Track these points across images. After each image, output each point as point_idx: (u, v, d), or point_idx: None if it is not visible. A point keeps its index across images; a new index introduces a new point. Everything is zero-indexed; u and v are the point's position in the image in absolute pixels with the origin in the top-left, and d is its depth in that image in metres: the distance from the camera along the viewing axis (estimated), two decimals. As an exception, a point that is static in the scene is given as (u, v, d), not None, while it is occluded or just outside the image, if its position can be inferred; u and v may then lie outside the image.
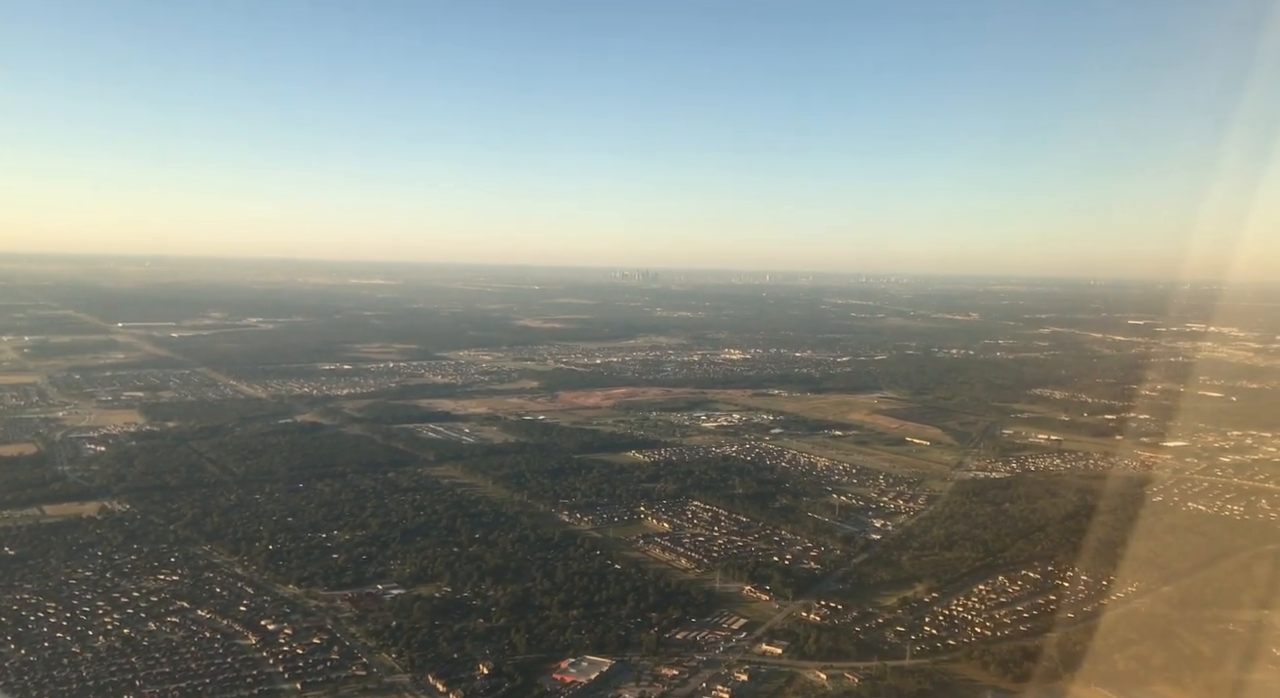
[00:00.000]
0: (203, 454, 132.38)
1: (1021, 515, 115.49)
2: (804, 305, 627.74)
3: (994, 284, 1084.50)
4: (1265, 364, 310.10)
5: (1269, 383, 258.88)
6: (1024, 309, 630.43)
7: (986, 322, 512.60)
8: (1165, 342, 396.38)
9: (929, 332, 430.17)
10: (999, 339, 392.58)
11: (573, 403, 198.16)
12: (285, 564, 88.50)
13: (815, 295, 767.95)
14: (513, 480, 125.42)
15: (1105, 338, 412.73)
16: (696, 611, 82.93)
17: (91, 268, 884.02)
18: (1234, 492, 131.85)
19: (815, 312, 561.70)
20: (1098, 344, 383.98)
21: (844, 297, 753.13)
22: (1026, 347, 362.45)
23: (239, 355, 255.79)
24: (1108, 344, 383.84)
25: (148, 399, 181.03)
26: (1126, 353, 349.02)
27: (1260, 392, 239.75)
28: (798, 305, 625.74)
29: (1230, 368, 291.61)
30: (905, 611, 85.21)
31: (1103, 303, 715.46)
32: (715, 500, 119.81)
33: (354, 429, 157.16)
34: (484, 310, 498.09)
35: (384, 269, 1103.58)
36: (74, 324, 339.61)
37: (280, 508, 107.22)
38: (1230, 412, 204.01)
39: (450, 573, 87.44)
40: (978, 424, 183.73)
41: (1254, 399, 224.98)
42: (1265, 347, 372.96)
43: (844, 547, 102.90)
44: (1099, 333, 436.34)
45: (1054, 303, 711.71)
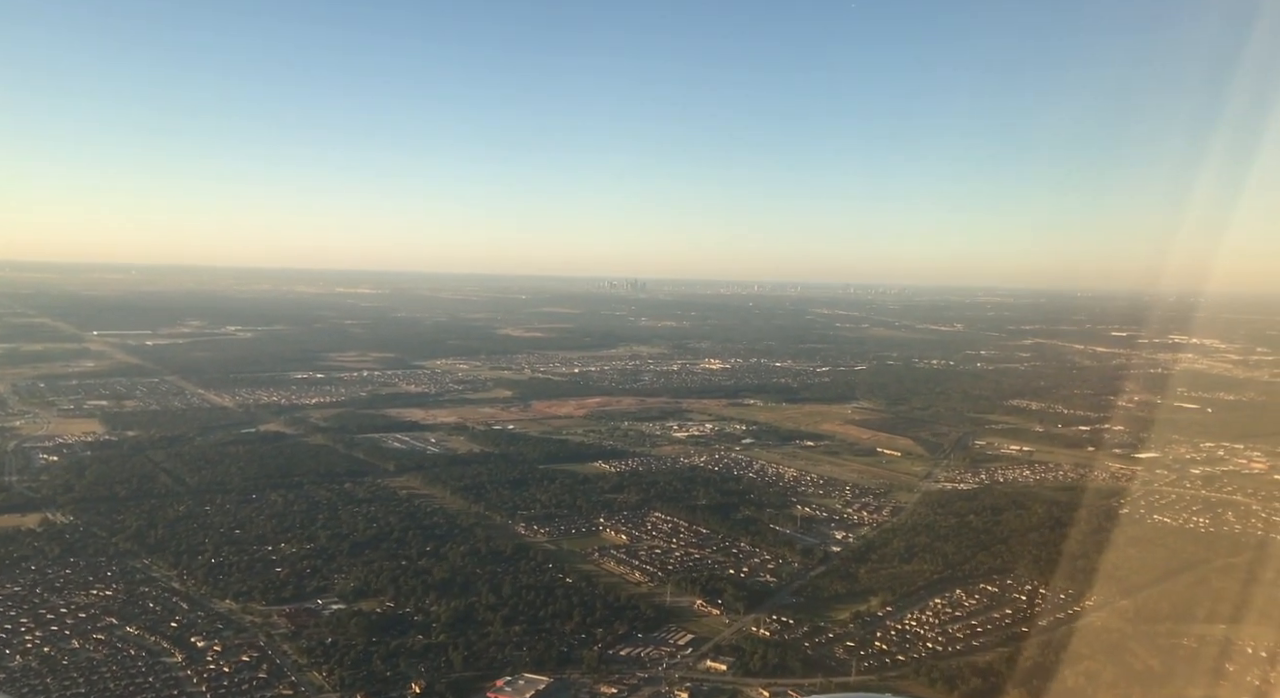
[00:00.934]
0: (158, 464, 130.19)
1: (984, 528, 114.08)
2: (789, 315, 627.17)
3: (982, 295, 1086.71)
4: (1244, 376, 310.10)
5: (1245, 395, 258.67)
6: (1009, 320, 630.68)
7: (970, 332, 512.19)
8: (1146, 353, 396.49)
9: (911, 342, 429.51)
10: (981, 350, 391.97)
11: (545, 412, 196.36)
12: (225, 578, 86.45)
13: (802, 305, 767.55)
14: (472, 492, 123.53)
15: (1087, 349, 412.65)
16: (644, 626, 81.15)
17: (77, 276, 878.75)
18: (1201, 504, 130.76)
19: (800, 322, 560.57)
20: (1079, 355, 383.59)
21: (831, 307, 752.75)
22: (1007, 358, 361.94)
23: (211, 364, 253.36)
24: (1089, 355, 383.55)
25: (110, 408, 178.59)
26: (1107, 364, 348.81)
27: (1236, 403, 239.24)
28: (783, 315, 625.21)
29: (1208, 380, 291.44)
30: (857, 625, 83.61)
31: (1088, 314, 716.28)
32: (677, 512, 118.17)
33: (316, 439, 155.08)
34: (467, 319, 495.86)
35: (372, 278, 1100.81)
36: (48, 332, 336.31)
37: (229, 520, 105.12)
38: (1205, 423, 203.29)
39: (394, 587, 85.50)
40: (950, 435, 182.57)
41: (1229, 411, 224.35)
42: (1245, 358, 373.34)
43: (802, 559, 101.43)
44: (1081, 344, 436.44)
45: (1039, 314, 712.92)
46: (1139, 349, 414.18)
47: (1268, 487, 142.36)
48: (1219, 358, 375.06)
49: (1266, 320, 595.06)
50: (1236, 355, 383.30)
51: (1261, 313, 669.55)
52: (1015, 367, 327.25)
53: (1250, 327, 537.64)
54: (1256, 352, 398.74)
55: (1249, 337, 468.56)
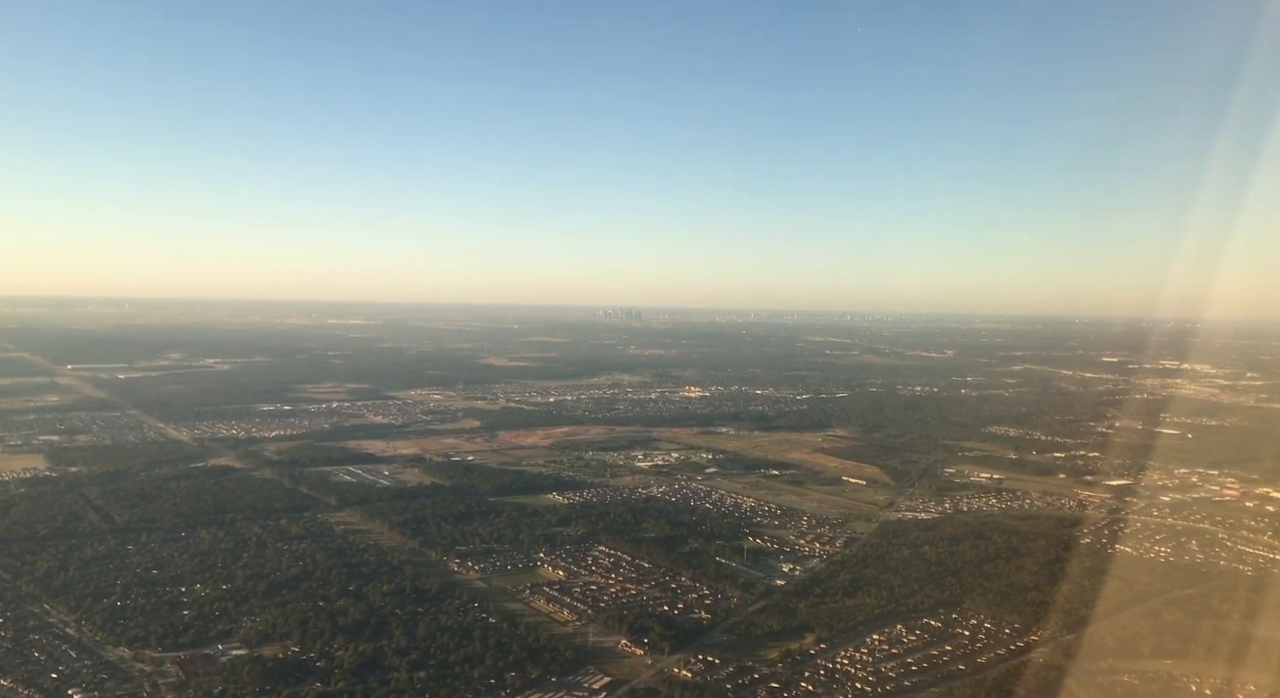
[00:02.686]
0: (90, 501, 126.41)
1: (938, 559, 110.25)
2: (780, 343, 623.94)
3: (978, 322, 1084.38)
4: (1229, 401, 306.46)
5: (1227, 420, 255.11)
6: (1001, 346, 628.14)
7: (960, 359, 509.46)
8: (1134, 378, 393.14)
9: (898, 368, 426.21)
10: (967, 376, 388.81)
11: (511, 443, 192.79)
12: (126, 623, 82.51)
13: (795, 333, 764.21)
14: (411, 527, 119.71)
15: (1075, 375, 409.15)
16: (560, 669, 77.19)
17: (71, 311, 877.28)
18: (1165, 532, 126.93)
19: (789, 349, 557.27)
20: (1066, 381, 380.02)
21: (824, 334, 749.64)
22: (993, 383, 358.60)
23: (179, 397, 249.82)
24: (1075, 381, 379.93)
25: (61, 443, 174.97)
26: (1092, 390, 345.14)
27: (1217, 429, 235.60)
28: (773, 343, 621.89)
29: (1193, 405, 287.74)
30: (785, 664, 79.68)
31: (1081, 340, 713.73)
32: (622, 545, 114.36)
33: (264, 473, 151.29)
34: (453, 349, 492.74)
35: (366, 309, 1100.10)
36: (22, 366, 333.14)
37: (149, 559, 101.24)
38: (1182, 449, 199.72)
39: (302, 631, 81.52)
40: (921, 463, 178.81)
41: (1209, 436, 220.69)
42: (1233, 383, 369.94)
43: (742, 594, 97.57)
44: (1070, 370, 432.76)
45: (1033, 340, 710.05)
46: (1128, 375, 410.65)
47: (1236, 514, 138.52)
48: (1207, 383, 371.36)
49: (1262, 346, 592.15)
50: (1225, 381, 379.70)
51: (1258, 338, 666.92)
52: (999, 393, 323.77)
53: (1244, 352, 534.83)
54: (1246, 377, 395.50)
55: (1241, 362, 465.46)
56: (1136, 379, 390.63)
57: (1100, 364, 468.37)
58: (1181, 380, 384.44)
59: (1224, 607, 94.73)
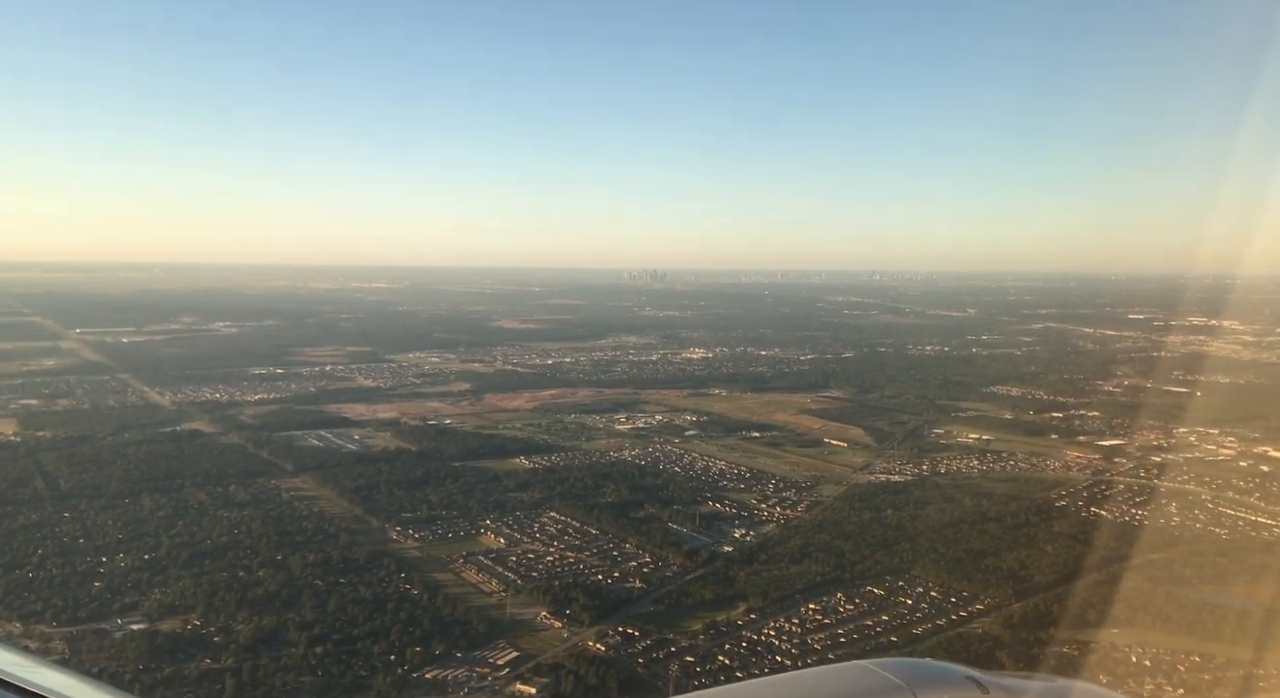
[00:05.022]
0: (43, 467, 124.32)
1: (898, 523, 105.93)
2: (800, 303, 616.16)
3: (1010, 280, 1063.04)
4: (1250, 358, 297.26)
5: (1243, 377, 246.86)
6: (1027, 305, 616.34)
7: (981, 318, 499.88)
8: (1156, 336, 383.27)
9: (914, 328, 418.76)
10: (983, 335, 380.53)
11: (494, 406, 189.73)
12: (29, 596, 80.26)
13: (818, 293, 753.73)
14: (362, 493, 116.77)
15: (1096, 333, 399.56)
16: (469, 643, 74.21)
17: (95, 276, 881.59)
18: (1147, 494, 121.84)
19: (807, 309, 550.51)
20: (1084, 339, 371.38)
21: (847, 294, 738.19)
22: (1008, 342, 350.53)
23: (174, 362, 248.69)
24: (1094, 339, 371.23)
25: (38, 407, 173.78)
26: (1109, 348, 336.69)
27: (1230, 387, 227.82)
28: (793, 303, 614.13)
29: (1211, 362, 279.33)
30: (708, 637, 76.26)
31: (1111, 297, 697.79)
32: (574, 511, 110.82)
33: (232, 438, 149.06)
34: (466, 312, 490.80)
35: (391, 273, 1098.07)
36: (30, 330, 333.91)
37: (79, 528, 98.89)
38: (1188, 408, 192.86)
39: (207, 604, 78.86)
40: (909, 424, 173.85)
41: (1220, 394, 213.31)
42: (1259, 340, 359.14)
43: (684, 561, 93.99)
44: (1091, 328, 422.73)
45: (1062, 298, 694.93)
46: (1150, 332, 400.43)
47: (1226, 475, 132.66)
48: (1231, 339, 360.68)
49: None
50: (1251, 337, 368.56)
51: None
52: (1011, 352, 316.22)
53: (1277, 308, 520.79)
54: (1274, 333, 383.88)
55: (1272, 318, 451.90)
56: (1158, 337, 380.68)
57: (1125, 322, 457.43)
58: (1205, 337, 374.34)
59: (1186, 573, 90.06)
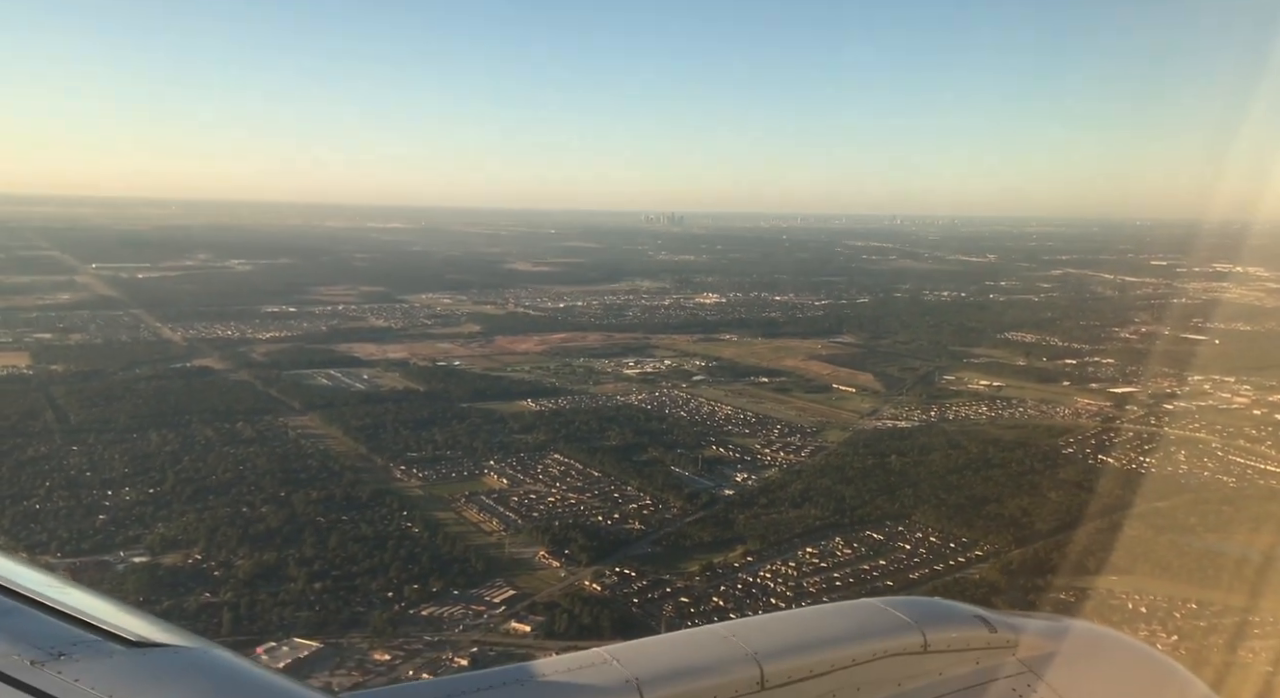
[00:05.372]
0: (54, 399, 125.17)
1: (901, 469, 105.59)
2: (818, 248, 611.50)
3: (1033, 225, 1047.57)
4: (1273, 305, 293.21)
5: (1264, 325, 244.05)
6: (1048, 250, 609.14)
7: (1001, 263, 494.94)
8: (1178, 282, 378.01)
9: (932, 274, 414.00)
10: (1001, 281, 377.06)
11: (504, 348, 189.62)
12: (35, 527, 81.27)
13: (838, 238, 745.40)
14: (367, 432, 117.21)
15: (1116, 279, 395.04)
16: (466, 581, 74.74)
17: (115, 211, 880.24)
18: (1156, 442, 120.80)
19: (826, 254, 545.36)
20: (1104, 286, 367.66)
21: (866, 239, 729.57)
22: (1026, 288, 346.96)
23: (187, 298, 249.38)
24: (1114, 286, 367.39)
25: (51, 341, 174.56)
26: (1128, 295, 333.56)
27: (1249, 334, 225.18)
28: (811, 248, 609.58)
29: (1232, 310, 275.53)
30: (704, 578, 76.56)
31: (1135, 243, 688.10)
32: (578, 454, 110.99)
33: (241, 375, 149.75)
34: (480, 253, 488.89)
35: (408, 213, 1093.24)
36: (48, 265, 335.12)
37: (86, 461, 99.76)
38: (1205, 355, 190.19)
39: (209, 538, 79.59)
40: (920, 370, 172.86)
41: (1238, 342, 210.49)
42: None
43: (684, 504, 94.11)
44: (1112, 274, 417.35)
45: (1084, 244, 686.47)
46: (1172, 278, 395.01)
47: (1239, 422, 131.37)
48: (1255, 286, 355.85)
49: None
50: (1275, 284, 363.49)
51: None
52: (1028, 298, 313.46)
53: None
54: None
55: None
56: (1180, 283, 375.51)
57: (1146, 268, 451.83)
58: (1228, 284, 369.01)
59: (1190, 521, 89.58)
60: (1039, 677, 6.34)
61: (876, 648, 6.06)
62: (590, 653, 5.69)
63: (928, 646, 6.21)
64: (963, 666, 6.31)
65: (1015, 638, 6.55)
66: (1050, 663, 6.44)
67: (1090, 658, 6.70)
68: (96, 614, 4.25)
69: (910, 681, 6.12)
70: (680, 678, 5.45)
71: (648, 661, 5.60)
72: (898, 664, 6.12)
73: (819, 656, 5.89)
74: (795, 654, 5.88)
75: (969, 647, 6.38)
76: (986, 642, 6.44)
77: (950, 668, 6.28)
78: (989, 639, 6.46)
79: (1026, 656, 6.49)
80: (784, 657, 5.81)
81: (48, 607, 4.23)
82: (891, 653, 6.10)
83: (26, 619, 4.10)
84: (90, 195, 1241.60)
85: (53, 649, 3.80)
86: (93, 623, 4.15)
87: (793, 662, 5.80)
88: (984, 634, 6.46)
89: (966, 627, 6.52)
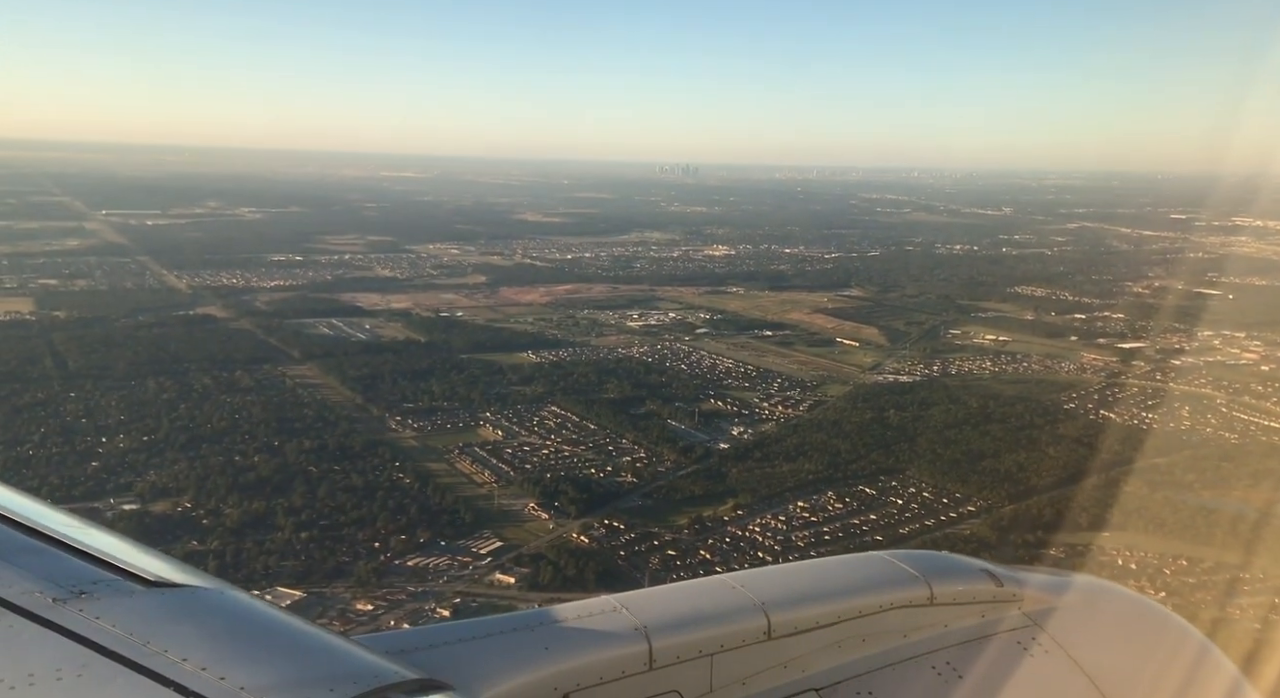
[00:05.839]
0: (54, 345, 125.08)
1: (899, 424, 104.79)
2: (832, 200, 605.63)
3: (1052, 178, 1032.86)
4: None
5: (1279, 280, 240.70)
6: (1065, 203, 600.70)
7: (1016, 217, 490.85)
8: (1196, 236, 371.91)
9: (946, 227, 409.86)
10: (1015, 235, 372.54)
11: (508, 299, 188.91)
12: (27, 473, 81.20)
13: (853, 190, 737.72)
14: (365, 382, 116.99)
15: (1132, 233, 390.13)
16: (455, 532, 74.72)
17: (129, 157, 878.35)
18: (1160, 397, 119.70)
19: (839, 207, 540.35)
20: (1119, 239, 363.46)
21: (882, 192, 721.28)
22: (1040, 242, 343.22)
23: (194, 245, 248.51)
24: (1130, 239, 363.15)
25: (56, 287, 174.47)
26: (1144, 248, 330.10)
27: (1265, 289, 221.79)
28: (825, 200, 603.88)
29: (1249, 264, 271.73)
30: (692, 531, 76.30)
31: (1155, 197, 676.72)
32: (575, 406, 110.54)
33: (243, 323, 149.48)
34: (490, 203, 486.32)
35: (422, 162, 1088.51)
36: (59, 211, 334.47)
37: (82, 407, 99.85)
38: (1218, 310, 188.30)
39: (199, 486, 79.69)
40: (926, 324, 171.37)
41: (1252, 297, 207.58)
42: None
43: (678, 458, 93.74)
44: (1128, 228, 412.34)
45: (1103, 197, 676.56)
46: (1190, 232, 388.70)
47: (1246, 378, 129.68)
48: (1273, 241, 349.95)
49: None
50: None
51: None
52: (1041, 251, 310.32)
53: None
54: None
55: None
56: (1197, 237, 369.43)
57: (1165, 222, 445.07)
58: (1246, 238, 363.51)
59: (1189, 477, 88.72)
60: (1043, 629, 6.45)
61: (883, 600, 6.18)
62: (599, 600, 5.72)
63: (934, 598, 6.34)
64: (968, 618, 6.44)
65: (1020, 592, 6.64)
66: (1054, 617, 6.55)
67: (1093, 612, 6.82)
68: (117, 554, 4.29)
69: (916, 632, 6.24)
70: (688, 626, 5.52)
71: (656, 609, 5.65)
72: (903, 616, 6.24)
73: (826, 607, 6.00)
74: (802, 605, 5.97)
75: (974, 600, 6.51)
76: (992, 595, 6.56)
77: (955, 620, 6.40)
78: (994, 593, 6.57)
79: (1031, 609, 6.60)
80: (791, 607, 5.89)
81: (70, 546, 4.26)
82: (898, 605, 6.22)
83: (49, 558, 4.14)
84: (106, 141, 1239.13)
85: (74, 587, 3.84)
86: (113, 563, 4.18)
87: (800, 612, 5.89)
88: (990, 588, 6.58)
89: (972, 580, 6.63)
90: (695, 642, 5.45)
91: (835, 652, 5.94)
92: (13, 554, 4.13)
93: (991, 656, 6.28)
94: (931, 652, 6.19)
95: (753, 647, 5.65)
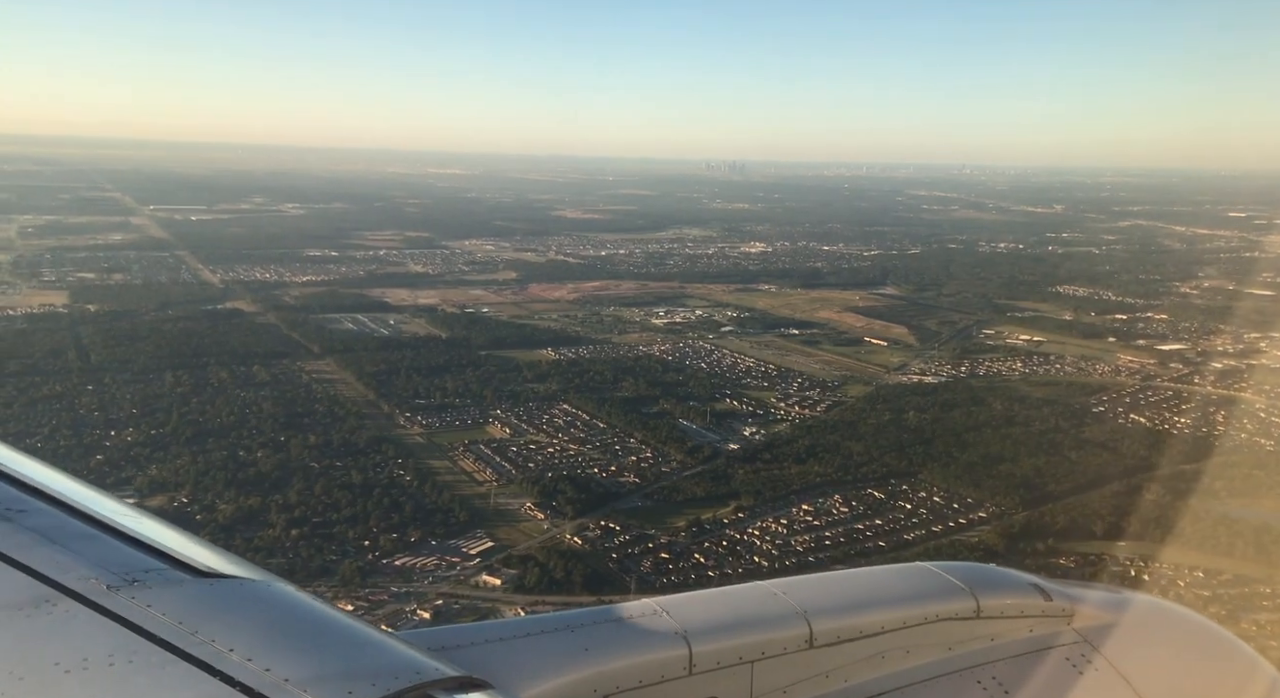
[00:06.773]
0: (80, 338, 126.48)
1: (917, 426, 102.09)
2: (878, 197, 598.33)
3: (1109, 176, 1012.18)
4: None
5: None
6: (1120, 201, 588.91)
7: (1068, 214, 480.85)
8: (1254, 236, 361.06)
9: (993, 224, 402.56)
10: (1064, 233, 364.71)
11: (537, 296, 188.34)
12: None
13: (901, 187, 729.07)
14: (381, 378, 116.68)
15: (1187, 231, 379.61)
16: (447, 532, 73.71)
17: (182, 154, 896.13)
18: (1196, 402, 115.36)
19: (884, 204, 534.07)
20: (1173, 238, 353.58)
21: (931, 189, 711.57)
22: (1088, 240, 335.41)
23: (234, 241, 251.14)
24: (1183, 238, 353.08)
25: (93, 281, 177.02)
26: (1197, 247, 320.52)
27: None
28: (871, 197, 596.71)
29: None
30: (689, 534, 74.58)
31: (1214, 194, 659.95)
32: (587, 404, 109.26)
33: (268, 318, 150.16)
34: (531, 200, 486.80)
35: (468, 160, 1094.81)
36: (107, 206, 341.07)
37: (96, 401, 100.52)
38: (1267, 312, 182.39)
39: (197, 482, 79.60)
40: (960, 323, 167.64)
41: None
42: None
43: (685, 458, 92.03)
44: (1183, 226, 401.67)
45: (1159, 194, 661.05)
46: (1248, 231, 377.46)
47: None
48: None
49: None
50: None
51: None
52: (1089, 250, 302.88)
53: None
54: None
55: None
56: (1255, 236, 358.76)
57: (1222, 220, 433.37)
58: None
59: (1216, 485, 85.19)
60: (1096, 648, 6.23)
61: (928, 611, 6.03)
62: (640, 604, 5.62)
63: (980, 611, 6.16)
64: (1016, 633, 6.25)
65: (1071, 607, 6.44)
66: (1108, 635, 6.31)
67: (1151, 633, 6.60)
68: (168, 543, 4.37)
69: (961, 645, 6.09)
70: (729, 632, 5.41)
71: (697, 613, 5.56)
72: (949, 629, 6.08)
73: (869, 617, 5.85)
74: (845, 614, 5.83)
75: (1023, 614, 6.30)
76: (1041, 610, 6.35)
77: (1003, 635, 6.21)
78: (1044, 608, 6.37)
79: (1083, 626, 6.38)
80: (834, 616, 5.75)
81: (123, 534, 4.36)
82: (943, 617, 6.06)
83: (104, 545, 4.24)
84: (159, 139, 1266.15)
85: (127, 575, 3.95)
86: (165, 551, 4.26)
87: (842, 621, 5.74)
88: (1039, 602, 6.38)
89: (1021, 594, 6.45)
90: (736, 648, 5.34)
91: (878, 663, 5.79)
92: (71, 541, 4.19)
93: (1040, 673, 6.05)
94: (977, 666, 6.01)
95: (794, 655, 5.52)
